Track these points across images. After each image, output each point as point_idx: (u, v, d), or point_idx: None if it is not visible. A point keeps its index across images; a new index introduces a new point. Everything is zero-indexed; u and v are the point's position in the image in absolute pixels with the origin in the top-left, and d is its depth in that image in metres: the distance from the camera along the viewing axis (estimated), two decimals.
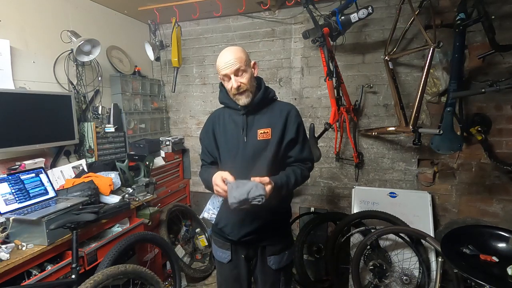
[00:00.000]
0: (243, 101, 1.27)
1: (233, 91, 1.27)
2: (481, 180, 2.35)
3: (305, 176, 1.36)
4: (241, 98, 1.27)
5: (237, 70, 1.24)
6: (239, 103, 1.29)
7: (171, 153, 3.04)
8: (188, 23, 3.07)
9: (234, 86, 1.24)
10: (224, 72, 1.25)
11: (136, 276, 1.77)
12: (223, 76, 1.27)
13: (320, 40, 2.09)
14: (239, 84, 1.24)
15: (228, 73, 1.24)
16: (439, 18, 2.27)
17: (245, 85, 1.25)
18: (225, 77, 1.27)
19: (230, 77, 1.25)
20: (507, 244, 1.53)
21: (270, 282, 1.41)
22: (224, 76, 1.27)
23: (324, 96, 2.72)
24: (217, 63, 1.29)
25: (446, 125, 2.03)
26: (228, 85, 1.27)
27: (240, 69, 1.24)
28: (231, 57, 1.23)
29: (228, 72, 1.24)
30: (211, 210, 1.42)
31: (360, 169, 2.69)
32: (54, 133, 2.04)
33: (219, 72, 1.28)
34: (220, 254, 1.43)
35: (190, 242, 2.97)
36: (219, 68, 1.27)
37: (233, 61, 1.23)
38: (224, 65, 1.24)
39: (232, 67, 1.23)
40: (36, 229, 1.55)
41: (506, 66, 2.20)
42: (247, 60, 1.27)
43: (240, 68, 1.24)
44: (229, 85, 1.26)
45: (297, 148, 1.34)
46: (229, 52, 1.25)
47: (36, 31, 2.05)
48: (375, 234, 2.18)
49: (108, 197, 2.02)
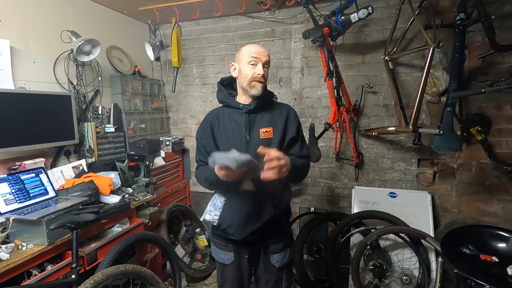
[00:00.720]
0: (257, 90, 1.30)
1: (255, 77, 1.29)
2: (481, 180, 2.35)
3: (306, 166, 1.41)
4: (257, 86, 1.30)
5: (266, 62, 1.32)
6: (251, 92, 1.31)
7: (171, 153, 3.04)
8: (188, 23, 3.07)
9: (261, 72, 1.29)
10: (256, 56, 1.29)
11: (136, 276, 1.77)
12: (252, 59, 1.29)
13: (320, 40, 2.09)
14: (263, 73, 1.30)
15: (260, 58, 1.29)
16: (439, 18, 2.27)
17: (265, 79, 1.33)
18: (254, 60, 1.29)
19: (258, 63, 1.29)
20: (507, 244, 1.53)
21: (273, 280, 1.42)
22: (254, 59, 1.29)
23: (324, 96, 2.72)
24: (245, 48, 1.33)
25: (446, 125, 2.03)
26: (252, 71, 1.29)
27: (267, 63, 1.33)
28: (265, 50, 1.33)
29: (260, 57, 1.29)
30: (213, 211, 1.39)
31: (360, 169, 2.69)
32: (54, 133, 2.04)
33: (249, 55, 1.29)
34: (222, 256, 1.42)
35: (190, 242, 2.97)
36: (250, 52, 1.29)
37: (266, 54, 1.32)
38: (258, 52, 1.30)
39: (264, 57, 1.31)
40: (36, 229, 1.55)
41: (506, 66, 2.20)
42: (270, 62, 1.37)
43: (268, 62, 1.33)
44: (253, 71, 1.29)
45: (297, 146, 1.37)
46: (262, 46, 1.34)
47: (36, 31, 2.05)
48: (375, 234, 2.18)
49: (108, 197, 2.02)
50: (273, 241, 1.39)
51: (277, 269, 1.40)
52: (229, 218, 1.35)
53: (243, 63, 1.31)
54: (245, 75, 1.31)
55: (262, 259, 1.42)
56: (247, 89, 1.31)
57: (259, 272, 1.45)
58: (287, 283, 1.44)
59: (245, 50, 1.32)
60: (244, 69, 1.31)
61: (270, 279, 1.42)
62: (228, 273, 1.43)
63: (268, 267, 1.41)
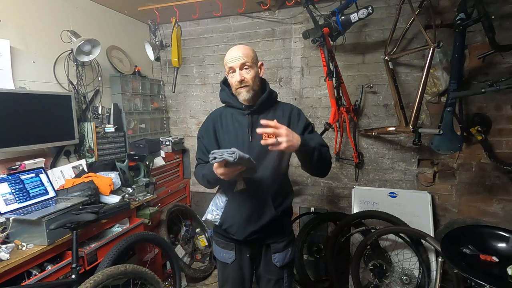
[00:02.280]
0: (244, 95, 1.28)
1: (236, 84, 1.28)
2: (481, 180, 2.35)
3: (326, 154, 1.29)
4: (242, 92, 1.28)
5: (243, 64, 1.26)
6: (239, 98, 1.30)
7: (171, 153, 3.04)
8: (188, 23, 3.07)
9: (238, 79, 1.26)
10: (230, 65, 1.27)
11: (136, 276, 1.77)
12: (229, 69, 1.29)
13: (320, 40, 2.09)
14: (242, 78, 1.26)
15: (234, 66, 1.26)
16: (439, 18, 2.27)
17: (248, 81, 1.27)
18: (231, 70, 1.29)
19: (235, 70, 1.27)
20: (507, 244, 1.53)
21: (274, 279, 1.42)
22: (230, 69, 1.28)
23: (324, 96, 2.72)
24: (225, 58, 1.31)
25: (446, 125, 2.03)
26: (233, 79, 1.29)
27: (246, 64, 1.27)
28: (238, 51, 1.27)
29: (234, 65, 1.26)
30: (215, 211, 1.39)
31: (360, 169, 2.69)
32: (54, 133, 2.04)
33: (226, 65, 1.30)
34: (223, 255, 1.43)
35: (190, 242, 2.97)
36: (226, 61, 1.29)
37: (240, 55, 1.26)
38: (231, 59, 1.27)
39: (238, 61, 1.26)
40: (36, 229, 1.55)
41: (506, 66, 2.20)
42: (254, 58, 1.30)
43: (246, 63, 1.27)
44: (233, 79, 1.28)
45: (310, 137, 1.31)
46: (237, 48, 1.29)
47: (36, 31, 2.05)
48: (375, 234, 2.18)
49: (108, 197, 2.02)
50: (274, 241, 1.39)
51: (278, 268, 1.41)
52: (231, 218, 1.35)
53: (226, 72, 1.33)
54: (231, 84, 1.32)
55: (263, 258, 1.42)
56: (237, 96, 1.32)
57: (260, 271, 1.45)
58: (288, 282, 1.45)
59: (225, 58, 1.31)
60: (228, 78, 1.33)
61: (271, 278, 1.42)
62: (229, 272, 1.43)
63: (269, 266, 1.41)
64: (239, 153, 1.03)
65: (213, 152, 1.08)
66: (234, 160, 1.03)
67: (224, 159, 1.04)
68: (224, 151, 1.06)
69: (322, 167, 1.33)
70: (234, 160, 1.03)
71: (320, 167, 1.30)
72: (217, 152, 1.07)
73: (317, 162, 1.24)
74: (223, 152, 1.06)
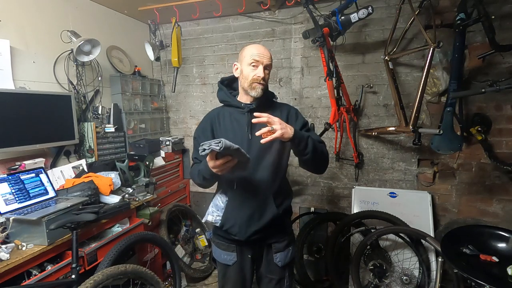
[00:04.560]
0: (257, 91, 1.30)
1: (256, 79, 1.29)
2: (481, 180, 2.35)
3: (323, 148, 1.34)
4: (257, 88, 1.30)
5: (268, 65, 1.32)
6: (251, 94, 1.31)
7: (171, 153, 3.04)
8: (188, 23, 3.07)
9: (261, 75, 1.29)
10: (258, 59, 1.29)
11: (136, 276, 1.77)
12: (253, 61, 1.29)
13: (320, 40, 2.09)
14: (264, 76, 1.30)
15: (261, 61, 1.29)
16: (439, 18, 2.27)
17: (265, 81, 1.33)
18: (255, 62, 1.29)
19: (259, 65, 1.29)
20: (507, 244, 1.53)
21: (276, 279, 1.42)
22: (254, 61, 1.29)
23: (324, 96, 2.72)
24: (248, 49, 1.32)
25: (446, 125, 2.03)
26: (252, 73, 1.30)
27: (269, 66, 1.33)
28: (267, 52, 1.32)
29: (262, 60, 1.29)
30: (215, 212, 1.38)
31: (360, 169, 2.69)
32: (54, 133, 2.04)
33: (250, 57, 1.29)
34: (224, 257, 1.42)
35: (190, 242, 2.97)
36: (252, 53, 1.29)
37: (269, 56, 1.32)
38: (260, 54, 1.30)
39: (267, 60, 1.31)
40: (36, 229, 1.55)
41: (506, 66, 2.20)
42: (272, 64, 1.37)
43: (270, 65, 1.34)
44: (254, 73, 1.29)
45: None
46: (265, 48, 1.33)
47: (36, 31, 2.05)
48: (375, 234, 2.19)
49: (108, 197, 2.02)
50: (276, 240, 1.40)
51: (279, 268, 1.41)
52: (232, 218, 1.34)
53: (244, 64, 1.31)
54: (246, 76, 1.31)
55: (265, 258, 1.42)
56: (248, 90, 1.32)
57: (261, 271, 1.45)
58: (289, 281, 1.45)
59: (247, 51, 1.32)
60: (246, 70, 1.31)
61: (273, 278, 1.42)
62: (230, 274, 1.43)
63: (270, 266, 1.41)
64: (225, 142, 1.04)
65: (202, 144, 1.09)
66: (221, 149, 1.03)
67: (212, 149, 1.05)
68: (212, 141, 1.06)
69: (318, 160, 1.32)
70: (221, 149, 1.03)
71: (316, 159, 1.29)
72: (205, 143, 1.08)
73: (313, 153, 1.24)
74: (211, 142, 1.06)
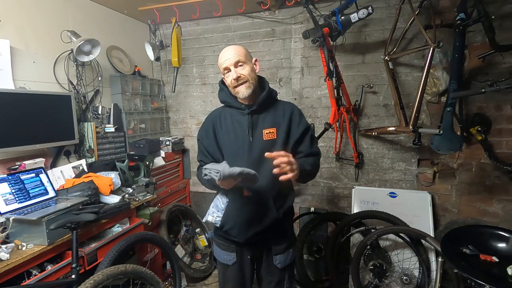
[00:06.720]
0: (243, 92, 1.27)
1: (233, 83, 1.27)
2: (481, 180, 2.35)
3: (317, 165, 1.38)
4: (241, 89, 1.27)
5: (237, 62, 1.26)
6: (239, 96, 1.29)
7: (171, 153, 3.04)
8: (188, 23, 3.07)
9: (234, 76, 1.25)
10: (224, 66, 1.27)
11: (136, 276, 1.77)
12: (224, 70, 1.28)
13: (320, 40, 2.09)
14: (238, 75, 1.25)
15: (228, 66, 1.26)
16: (439, 18, 2.27)
17: (245, 76, 1.26)
18: (226, 70, 1.28)
19: (230, 70, 1.27)
20: (507, 244, 1.53)
21: (275, 281, 1.42)
22: (225, 70, 1.28)
23: (324, 96, 2.72)
24: (218, 60, 1.31)
25: (446, 125, 2.03)
26: (229, 79, 1.28)
27: (240, 61, 1.26)
28: (230, 51, 1.27)
29: (228, 64, 1.26)
30: (215, 213, 1.38)
31: (360, 169, 2.69)
32: (54, 133, 2.04)
33: (220, 67, 1.30)
34: (224, 257, 1.42)
35: (190, 242, 2.97)
36: (220, 63, 1.29)
37: (232, 54, 1.26)
38: (224, 60, 1.27)
39: (231, 59, 1.26)
40: (36, 229, 1.55)
41: (506, 66, 2.20)
42: (247, 55, 1.30)
43: (240, 60, 1.26)
44: (230, 78, 1.27)
45: (307, 142, 1.36)
46: (228, 48, 1.30)
47: (36, 31, 2.05)
48: (375, 234, 2.18)
49: (108, 197, 2.02)
50: (275, 243, 1.39)
51: (279, 269, 1.40)
52: (232, 220, 1.34)
53: (223, 75, 1.33)
54: (228, 85, 1.32)
55: (264, 259, 1.42)
56: (236, 95, 1.31)
57: (261, 272, 1.44)
58: (289, 283, 1.44)
59: (218, 61, 1.31)
60: (225, 80, 1.33)
61: (272, 279, 1.42)
62: (230, 274, 1.43)
63: (270, 268, 1.41)
64: (224, 173, 1.04)
65: (204, 168, 1.11)
66: (220, 179, 1.05)
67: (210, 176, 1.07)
68: (212, 169, 1.07)
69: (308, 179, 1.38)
70: (220, 179, 1.05)
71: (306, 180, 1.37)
72: (207, 168, 1.10)
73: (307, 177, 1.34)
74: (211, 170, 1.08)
